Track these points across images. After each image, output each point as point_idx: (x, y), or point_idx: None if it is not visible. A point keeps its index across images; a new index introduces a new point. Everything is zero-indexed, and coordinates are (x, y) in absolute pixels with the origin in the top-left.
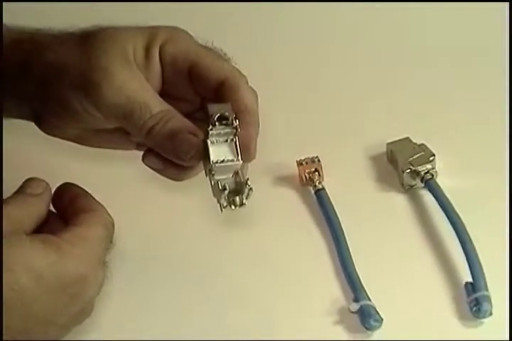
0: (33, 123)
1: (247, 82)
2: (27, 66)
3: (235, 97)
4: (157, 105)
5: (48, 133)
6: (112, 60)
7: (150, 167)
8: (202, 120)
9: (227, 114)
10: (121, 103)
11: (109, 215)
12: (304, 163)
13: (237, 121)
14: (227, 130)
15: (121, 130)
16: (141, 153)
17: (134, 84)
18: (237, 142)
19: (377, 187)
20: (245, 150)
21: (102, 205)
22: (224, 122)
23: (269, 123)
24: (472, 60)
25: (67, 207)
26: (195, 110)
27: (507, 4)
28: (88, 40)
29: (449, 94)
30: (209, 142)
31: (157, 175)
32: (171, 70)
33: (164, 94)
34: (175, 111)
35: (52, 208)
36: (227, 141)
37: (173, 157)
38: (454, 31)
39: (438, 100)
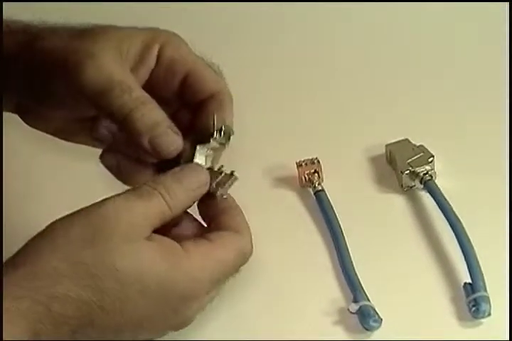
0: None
1: (232, 103)
2: (17, 57)
3: (219, 114)
4: (138, 89)
5: (31, 125)
6: (101, 48)
7: (106, 165)
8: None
9: (231, 132)
10: (100, 80)
11: (251, 243)
12: (303, 164)
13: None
14: (217, 145)
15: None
16: None
17: (117, 67)
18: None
19: (377, 188)
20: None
21: (249, 230)
22: (222, 136)
23: (268, 125)
24: (472, 60)
25: (212, 217)
26: (168, 114)
27: (507, 4)
28: (83, 33)
29: (448, 95)
30: (198, 147)
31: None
32: (164, 71)
33: (146, 90)
34: (156, 103)
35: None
36: (207, 154)
37: (147, 148)
38: (454, 31)
39: (437, 101)
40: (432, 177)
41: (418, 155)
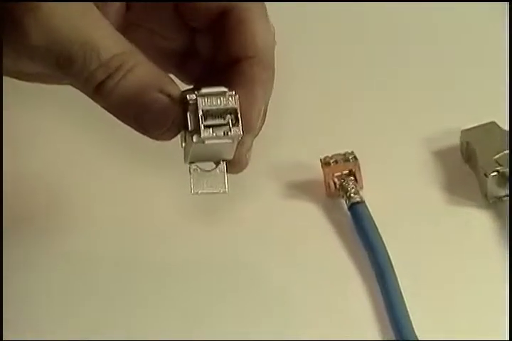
0: None
1: (265, 15)
2: None
3: (241, 35)
4: (111, 46)
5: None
6: None
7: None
8: (193, 59)
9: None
10: (51, 46)
11: None
12: (332, 162)
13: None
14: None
15: None
16: None
17: (73, 17)
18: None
19: (445, 200)
20: (246, 120)
21: None
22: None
23: (284, 110)
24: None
25: None
26: (181, 46)
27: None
28: None
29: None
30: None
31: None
32: None
33: (132, 24)
34: (139, 55)
35: None
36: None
37: (137, 129)
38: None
39: None
40: None
41: None
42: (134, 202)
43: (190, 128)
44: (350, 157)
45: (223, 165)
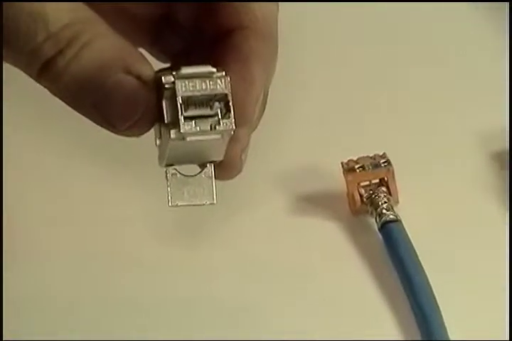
0: None
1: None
2: None
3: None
4: (62, 13)
5: None
6: None
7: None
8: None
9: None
10: None
11: None
12: (357, 167)
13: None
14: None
15: None
16: None
17: None
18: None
19: (503, 216)
20: (240, 109)
21: None
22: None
23: (294, 99)
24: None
25: None
26: (155, 12)
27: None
28: None
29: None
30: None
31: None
32: None
33: None
34: (100, 24)
35: None
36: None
37: (98, 122)
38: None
39: None
40: None
41: None
42: (97, 219)
43: (166, 121)
44: (381, 161)
45: (210, 169)
